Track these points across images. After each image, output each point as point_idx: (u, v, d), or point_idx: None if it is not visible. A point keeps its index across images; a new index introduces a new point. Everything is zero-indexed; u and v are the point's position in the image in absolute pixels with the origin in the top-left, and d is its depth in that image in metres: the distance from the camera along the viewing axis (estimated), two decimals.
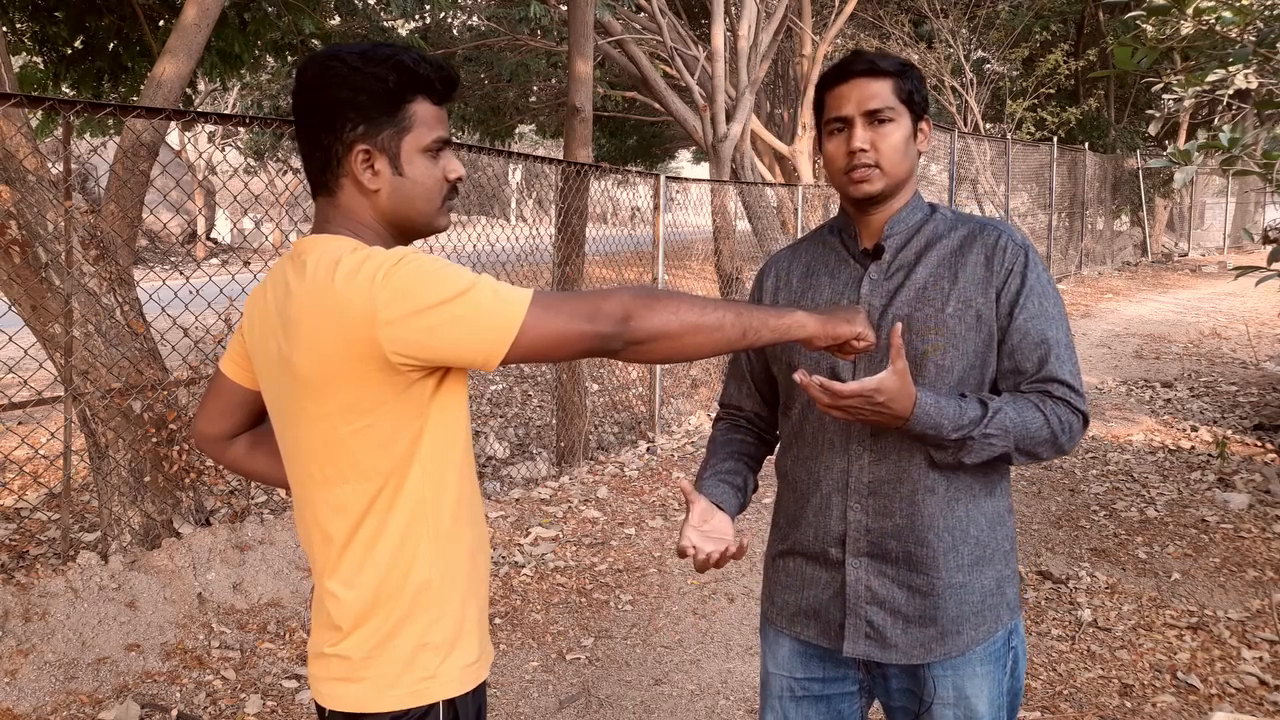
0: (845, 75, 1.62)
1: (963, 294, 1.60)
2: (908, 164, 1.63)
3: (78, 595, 3.58)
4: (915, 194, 1.70)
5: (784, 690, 1.75)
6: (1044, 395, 1.57)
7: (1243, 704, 3.23)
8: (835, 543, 1.65)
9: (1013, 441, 1.54)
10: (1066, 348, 1.60)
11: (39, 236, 3.77)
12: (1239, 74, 5.54)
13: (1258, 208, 29.45)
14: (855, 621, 1.64)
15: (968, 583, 1.62)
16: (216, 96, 20.62)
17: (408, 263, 1.27)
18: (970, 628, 1.62)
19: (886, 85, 1.60)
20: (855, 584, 1.63)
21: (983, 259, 1.61)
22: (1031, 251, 1.63)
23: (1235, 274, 5.42)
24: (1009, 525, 1.69)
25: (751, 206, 10.63)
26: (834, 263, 1.72)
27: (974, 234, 1.64)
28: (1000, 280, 1.60)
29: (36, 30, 6.54)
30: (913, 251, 1.65)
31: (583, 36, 6.33)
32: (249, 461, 1.62)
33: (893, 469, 1.61)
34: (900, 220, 1.66)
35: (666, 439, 6.91)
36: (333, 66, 1.36)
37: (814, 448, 1.68)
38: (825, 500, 1.66)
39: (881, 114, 1.59)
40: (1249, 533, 4.81)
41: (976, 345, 1.59)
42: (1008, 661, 1.67)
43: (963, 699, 1.63)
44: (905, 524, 1.60)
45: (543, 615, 4.07)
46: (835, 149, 1.64)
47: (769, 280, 1.81)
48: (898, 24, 15.96)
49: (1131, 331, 11.32)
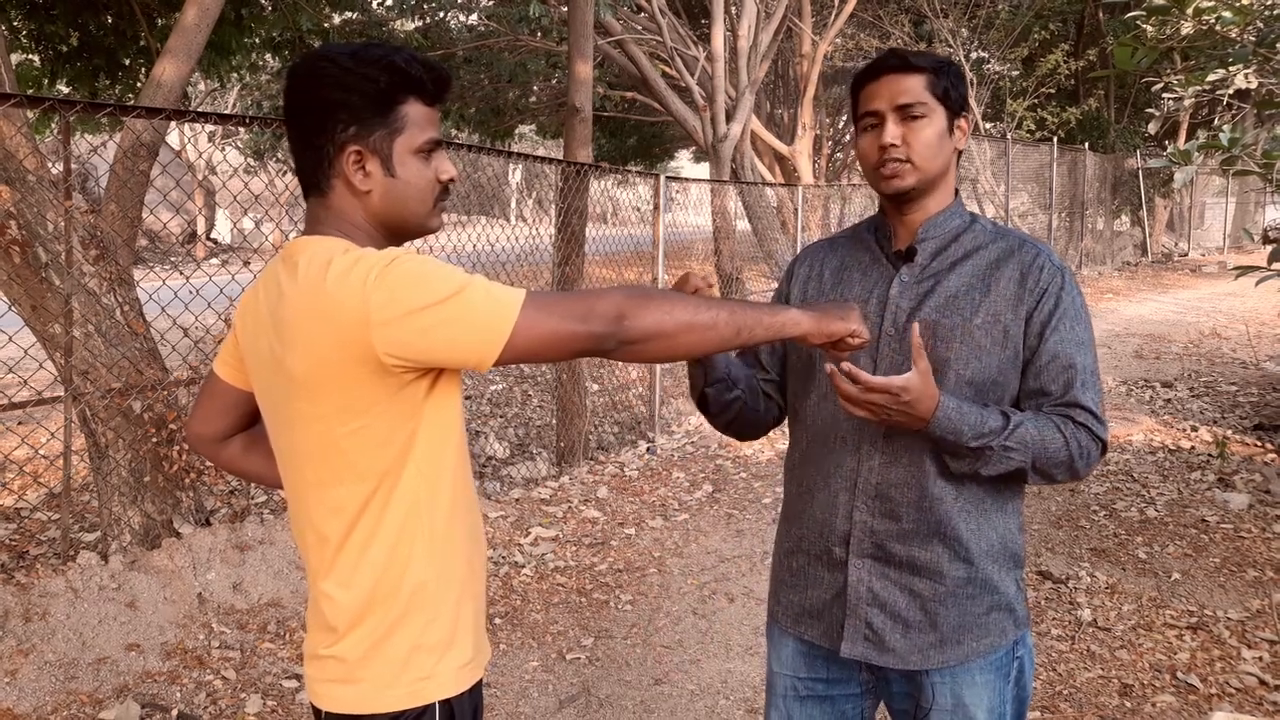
0: (878, 71, 1.61)
1: (993, 307, 1.58)
2: (941, 160, 1.61)
3: (78, 595, 3.58)
4: (956, 199, 1.67)
5: (788, 690, 1.75)
6: (1066, 419, 1.55)
7: (1243, 704, 3.23)
8: (840, 542, 1.64)
9: (1031, 458, 1.52)
10: (1093, 374, 1.58)
11: (39, 236, 3.77)
12: (1239, 74, 5.54)
13: (1258, 208, 29.43)
14: (855, 623, 1.63)
15: (973, 594, 1.61)
16: (216, 96, 20.62)
17: (400, 263, 1.27)
18: (972, 639, 1.61)
19: (919, 81, 1.59)
20: (857, 584, 1.63)
21: (1017, 275, 1.59)
22: (1068, 274, 1.61)
23: (1235, 274, 5.42)
24: (1019, 541, 1.67)
25: (751, 206, 10.63)
26: (867, 261, 1.71)
27: (1012, 250, 1.62)
28: (1033, 301, 1.58)
29: (34, 28, 6.54)
30: (948, 259, 1.63)
31: (583, 37, 6.33)
32: (244, 462, 1.62)
33: (903, 473, 1.60)
34: (936, 224, 1.64)
35: (666, 439, 6.91)
36: (324, 67, 1.36)
37: (825, 445, 1.67)
38: (832, 498, 1.65)
39: (913, 109, 1.58)
40: (1249, 533, 4.81)
41: (1001, 361, 1.57)
42: (1011, 671, 1.65)
43: (960, 707, 1.62)
44: (911, 529, 1.59)
45: (543, 615, 4.07)
46: (868, 145, 1.63)
47: (802, 269, 1.80)
48: (898, 24, 15.96)
49: (1131, 331, 11.31)
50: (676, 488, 5.82)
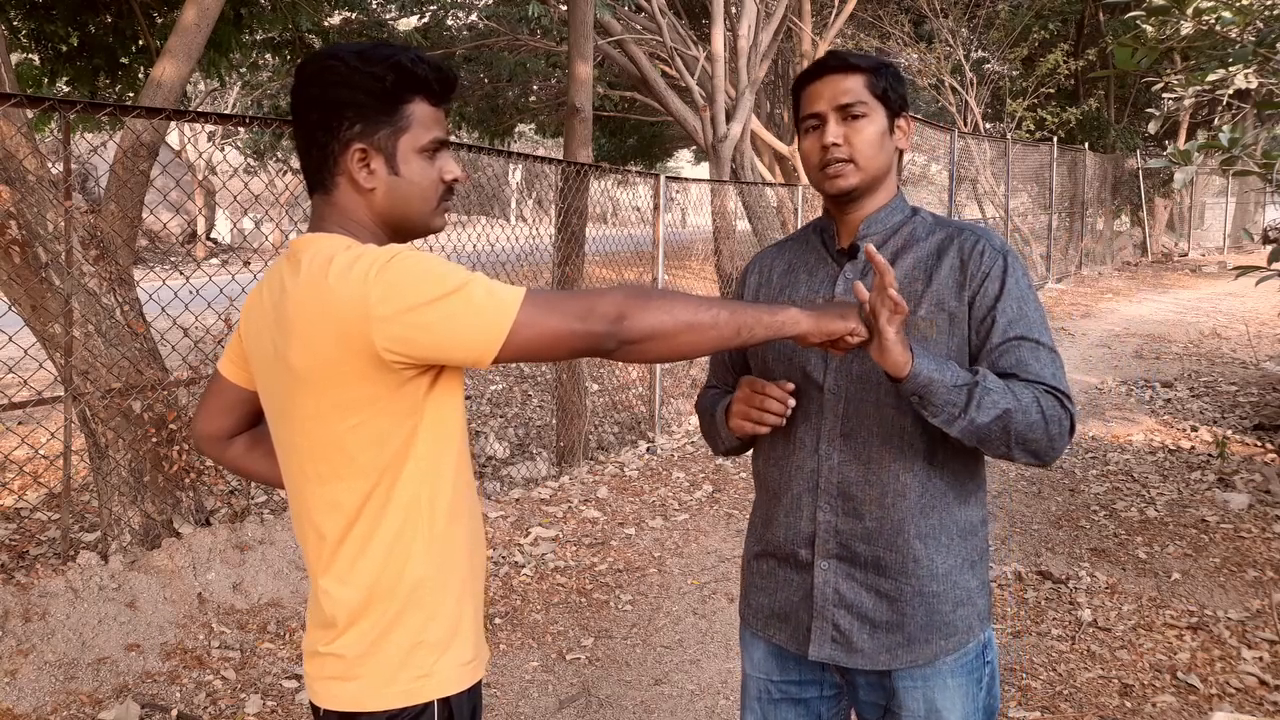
0: (818, 73, 1.63)
1: (936, 296, 1.58)
2: (883, 159, 1.62)
3: (78, 595, 3.58)
4: (898, 195, 1.68)
5: (761, 692, 1.75)
6: (1029, 385, 1.53)
7: (1243, 704, 3.23)
8: (805, 544, 1.64)
9: (1010, 404, 1.48)
10: (1049, 350, 1.56)
11: (39, 236, 3.77)
12: (1239, 74, 5.54)
13: (1258, 208, 29.42)
14: (821, 624, 1.63)
15: (939, 591, 1.60)
16: (216, 96, 20.61)
17: (401, 259, 1.27)
18: (940, 637, 1.60)
19: (859, 81, 1.60)
20: (823, 586, 1.62)
21: (958, 263, 1.59)
22: (1011, 256, 1.60)
23: (1235, 274, 5.42)
24: (982, 536, 1.67)
25: (751, 206, 10.63)
26: (813, 261, 1.72)
27: (951, 237, 1.62)
28: (976, 285, 1.57)
29: (33, 27, 6.53)
30: (889, 253, 1.63)
31: (583, 37, 6.33)
32: (247, 461, 1.63)
33: (863, 470, 1.59)
34: (877, 220, 1.65)
35: (666, 439, 6.91)
36: (331, 65, 1.36)
37: (786, 448, 1.67)
38: (796, 501, 1.65)
39: (854, 109, 1.59)
40: (1249, 533, 4.81)
41: (949, 349, 1.57)
42: (983, 676, 1.65)
43: (934, 712, 1.61)
44: (875, 527, 1.59)
45: (543, 615, 4.07)
46: (810, 146, 1.64)
47: (752, 277, 1.82)
48: (898, 24, 15.96)
49: (1131, 331, 11.31)
50: (676, 488, 5.82)
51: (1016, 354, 1.54)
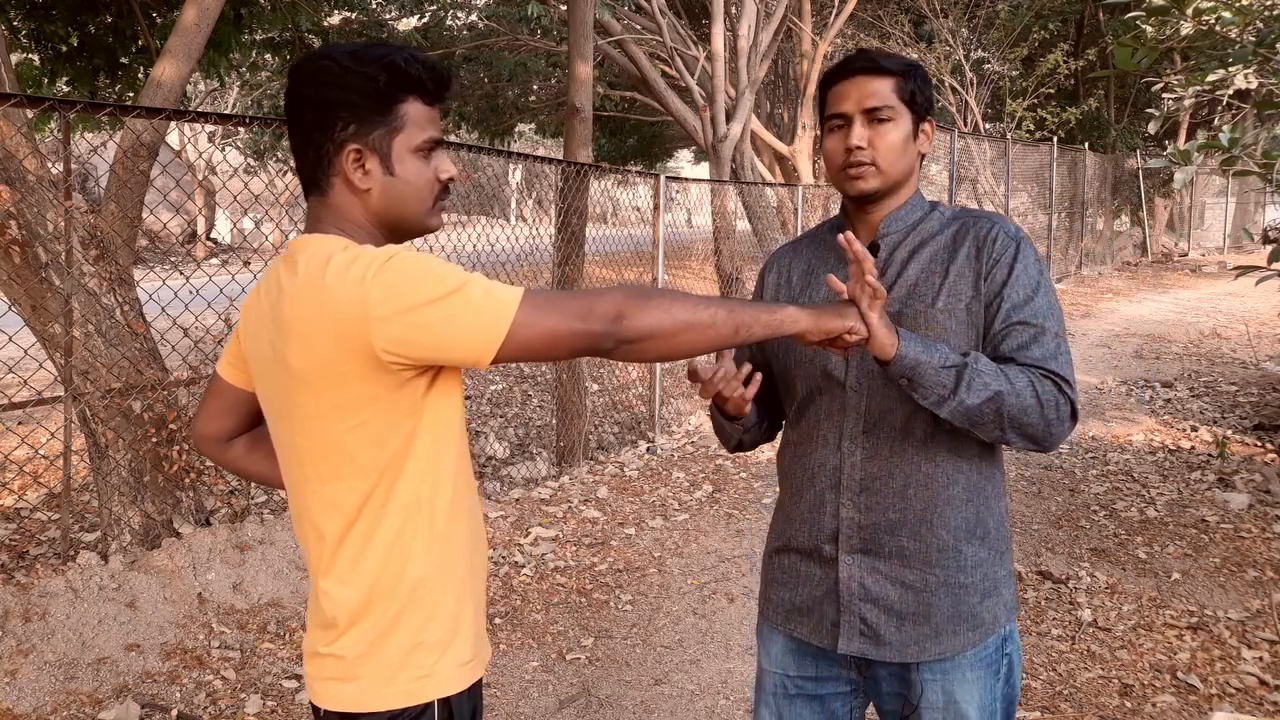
0: (847, 72, 1.62)
1: (953, 288, 1.59)
2: (905, 163, 1.63)
3: (78, 595, 3.58)
4: (916, 194, 1.69)
5: (777, 687, 1.75)
6: (1027, 368, 1.52)
7: (1243, 704, 3.23)
8: (828, 539, 1.64)
9: (1002, 386, 1.48)
10: (1055, 337, 1.55)
11: (39, 236, 3.77)
12: (1239, 74, 5.54)
13: (1258, 208, 29.41)
14: (850, 619, 1.63)
15: (968, 583, 1.61)
16: (216, 96, 20.61)
17: (399, 260, 1.27)
18: (967, 629, 1.61)
19: (887, 84, 1.60)
20: (849, 581, 1.63)
21: (974, 251, 1.60)
22: (1024, 243, 1.60)
23: (1235, 274, 5.42)
24: (1004, 526, 1.67)
25: (751, 206, 10.63)
26: (833, 261, 1.72)
27: (966, 227, 1.63)
28: (988, 270, 1.58)
29: (33, 27, 6.53)
30: (907, 249, 1.64)
31: (582, 37, 6.33)
32: (247, 462, 1.63)
33: (885, 465, 1.60)
34: (897, 219, 1.66)
35: (666, 439, 6.91)
36: (325, 66, 1.36)
37: (809, 444, 1.68)
38: (819, 497, 1.66)
39: (880, 113, 1.59)
40: (1249, 533, 4.81)
41: (967, 342, 1.58)
42: (1001, 668, 1.65)
43: (952, 704, 1.62)
44: (898, 519, 1.60)
45: (543, 615, 4.07)
46: (834, 146, 1.64)
47: (771, 276, 1.81)
48: (898, 24, 15.96)
49: (1131, 331, 11.31)
50: (676, 488, 5.82)
51: (1017, 338, 1.54)
